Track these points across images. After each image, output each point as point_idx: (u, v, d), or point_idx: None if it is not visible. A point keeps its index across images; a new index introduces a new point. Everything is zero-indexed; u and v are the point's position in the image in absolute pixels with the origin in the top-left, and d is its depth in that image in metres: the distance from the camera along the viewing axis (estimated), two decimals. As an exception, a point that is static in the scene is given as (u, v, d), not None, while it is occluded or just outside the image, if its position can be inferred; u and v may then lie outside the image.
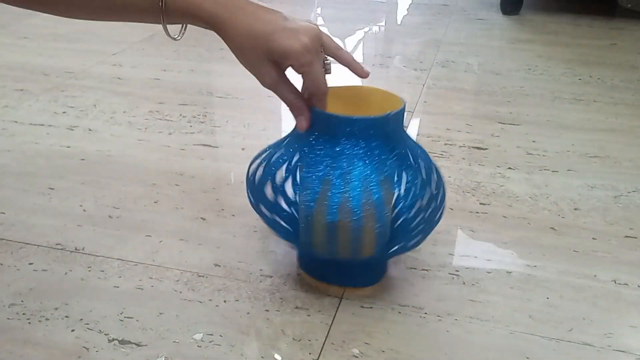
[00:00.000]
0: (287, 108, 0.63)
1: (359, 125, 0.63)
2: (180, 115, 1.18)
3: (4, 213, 0.86)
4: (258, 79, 0.61)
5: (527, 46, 1.62)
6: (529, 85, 1.35)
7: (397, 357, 0.63)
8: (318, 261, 0.73)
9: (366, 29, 1.79)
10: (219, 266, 0.76)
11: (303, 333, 0.66)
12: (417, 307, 0.70)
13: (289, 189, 0.71)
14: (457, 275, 0.76)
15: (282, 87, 0.61)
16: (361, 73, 0.66)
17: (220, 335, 0.65)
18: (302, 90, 0.63)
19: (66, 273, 0.74)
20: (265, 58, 0.59)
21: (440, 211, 0.70)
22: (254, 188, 0.71)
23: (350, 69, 0.66)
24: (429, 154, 0.70)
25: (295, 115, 0.63)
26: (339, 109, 0.69)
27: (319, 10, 1.99)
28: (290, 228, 0.72)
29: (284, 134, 0.71)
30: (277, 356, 0.64)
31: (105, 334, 0.65)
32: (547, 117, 1.20)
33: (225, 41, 0.60)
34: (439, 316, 0.69)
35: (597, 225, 0.86)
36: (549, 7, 1.97)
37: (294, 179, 0.71)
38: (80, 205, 0.88)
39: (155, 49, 1.56)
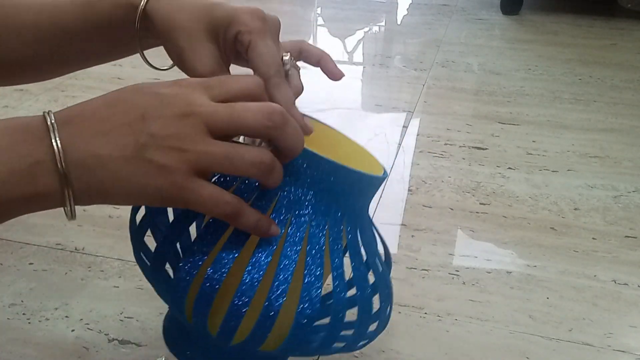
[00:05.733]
0: None
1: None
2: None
3: (4, 213, 0.86)
4: (190, 65, 0.46)
5: (527, 46, 1.62)
6: (529, 85, 1.35)
7: (397, 357, 0.63)
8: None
9: (366, 29, 1.79)
10: (219, 266, 0.76)
11: (303, 333, 0.66)
12: (417, 307, 0.70)
13: None
14: (457, 275, 0.76)
15: (220, 73, 0.46)
16: (334, 73, 0.52)
17: (220, 335, 0.65)
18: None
19: (66, 273, 0.74)
20: (205, 32, 0.47)
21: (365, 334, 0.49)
22: None
23: (321, 68, 0.53)
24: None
25: None
26: None
27: (319, 10, 1.99)
28: None
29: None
30: (277, 356, 0.64)
31: (105, 334, 0.65)
32: (547, 117, 1.20)
33: (154, 19, 0.49)
34: (439, 316, 0.69)
35: (597, 225, 0.86)
36: (549, 7, 1.97)
37: None
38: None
39: (155, 49, 1.55)
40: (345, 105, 1.25)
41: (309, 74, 0.59)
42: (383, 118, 1.21)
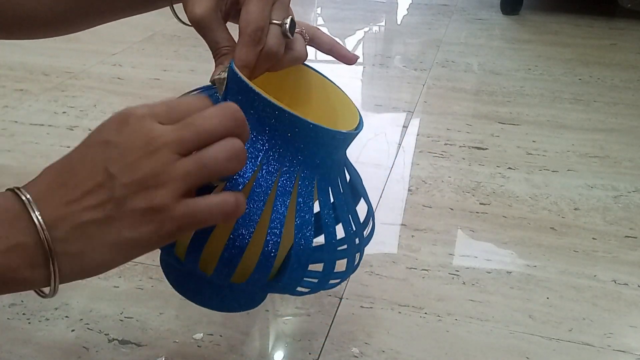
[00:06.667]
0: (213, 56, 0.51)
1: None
2: (180, 115, 1.18)
3: (4, 213, 0.86)
4: (190, 7, 0.48)
5: (527, 46, 1.61)
6: (529, 85, 1.35)
7: (397, 357, 0.63)
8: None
9: (366, 29, 1.79)
10: (219, 266, 0.76)
11: (303, 333, 0.66)
12: (417, 307, 0.70)
13: None
14: (457, 275, 0.76)
15: (213, 24, 0.48)
16: (348, 58, 0.55)
17: (220, 335, 0.65)
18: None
19: (66, 273, 0.74)
20: None
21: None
22: None
23: (333, 55, 0.54)
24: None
25: (219, 64, 0.51)
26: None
27: (319, 10, 1.99)
28: None
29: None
30: (277, 356, 0.64)
31: (105, 334, 0.65)
32: (547, 117, 1.20)
33: None
34: (439, 316, 0.69)
35: (597, 225, 0.86)
36: (549, 7, 1.97)
37: None
38: (80, 205, 0.88)
39: (155, 49, 1.56)
40: (345, 105, 1.25)
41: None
42: (383, 118, 1.21)
